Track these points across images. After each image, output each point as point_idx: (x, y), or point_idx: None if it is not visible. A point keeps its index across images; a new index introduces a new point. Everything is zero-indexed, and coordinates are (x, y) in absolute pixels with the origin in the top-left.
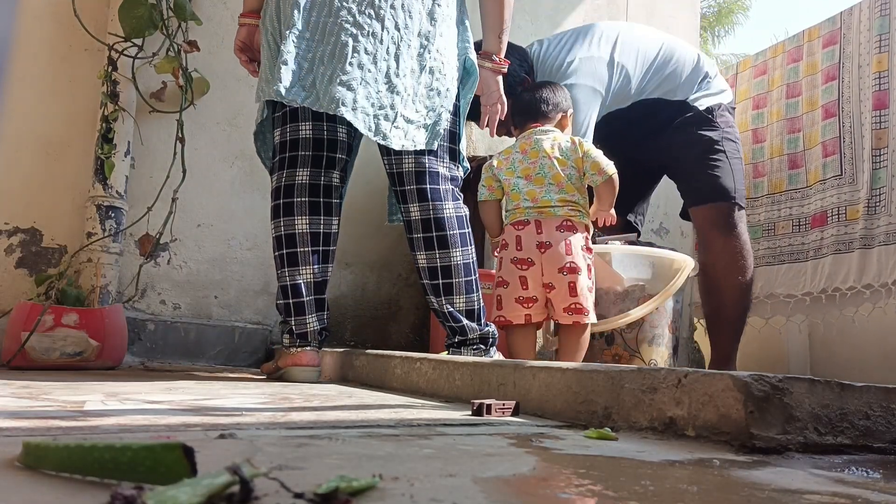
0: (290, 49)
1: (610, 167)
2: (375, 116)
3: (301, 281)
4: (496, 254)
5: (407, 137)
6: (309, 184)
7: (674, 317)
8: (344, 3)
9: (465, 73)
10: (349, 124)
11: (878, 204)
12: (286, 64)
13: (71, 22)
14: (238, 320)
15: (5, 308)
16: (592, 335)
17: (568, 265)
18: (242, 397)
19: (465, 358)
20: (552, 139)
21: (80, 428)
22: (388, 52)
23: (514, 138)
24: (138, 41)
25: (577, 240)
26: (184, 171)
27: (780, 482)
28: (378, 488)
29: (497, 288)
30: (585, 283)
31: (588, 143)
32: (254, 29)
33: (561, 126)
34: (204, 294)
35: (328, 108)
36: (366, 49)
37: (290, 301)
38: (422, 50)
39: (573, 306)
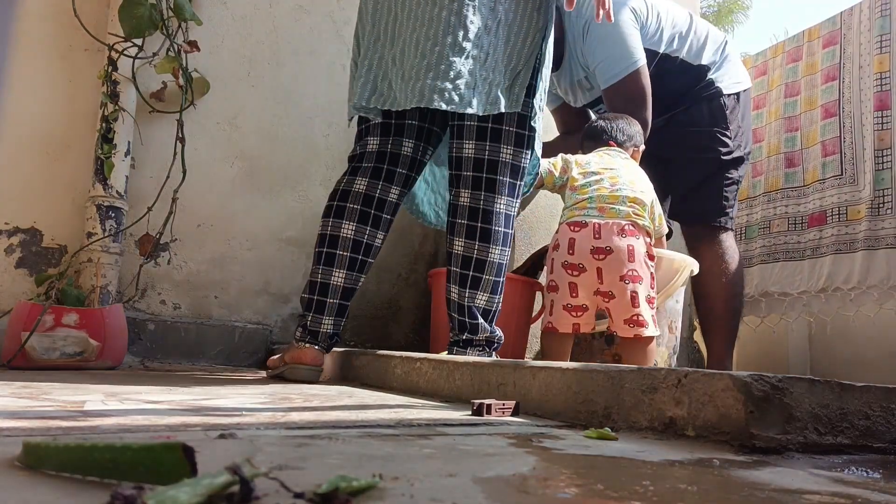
0: (366, 57)
1: (665, 228)
2: (452, 90)
3: (331, 282)
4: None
5: (490, 101)
6: (365, 193)
7: (674, 317)
8: (402, 2)
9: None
10: (416, 139)
11: (882, 205)
12: (361, 77)
13: (71, 22)
14: (238, 320)
15: (5, 308)
16: (592, 335)
17: (630, 273)
18: (242, 397)
19: (466, 358)
20: (630, 161)
21: (80, 428)
22: (449, 26)
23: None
24: (138, 41)
25: (640, 246)
26: (184, 171)
27: (780, 482)
28: (378, 488)
29: (549, 292)
30: (646, 294)
31: (655, 196)
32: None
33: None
34: (204, 294)
35: (405, 104)
36: (427, 36)
37: (315, 297)
38: (493, 3)
39: (634, 318)
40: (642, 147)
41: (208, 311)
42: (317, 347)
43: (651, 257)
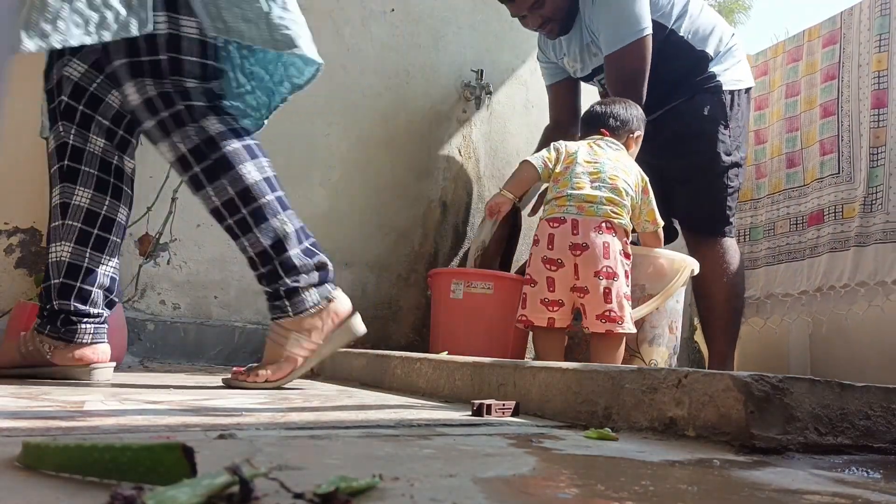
0: None
1: (660, 220)
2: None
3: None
4: (489, 217)
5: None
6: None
7: (674, 317)
8: None
9: None
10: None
11: (874, 202)
12: None
13: None
14: (238, 320)
15: (5, 308)
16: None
17: (604, 269)
18: (242, 397)
19: (465, 358)
20: (620, 152)
21: (79, 428)
22: None
23: (536, 32)
24: None
25: (616, 244)
26: None
27: (780, 482)
28: (378, 488)
29: (524, 286)
30: (622, 291)
31: (649, 185)
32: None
33: (626, 147)
34: (204, 294)
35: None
36: None
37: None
38: None
39: (607, 313)
40: (639, 133)
41: (208, 311)
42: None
43: (627, 256)
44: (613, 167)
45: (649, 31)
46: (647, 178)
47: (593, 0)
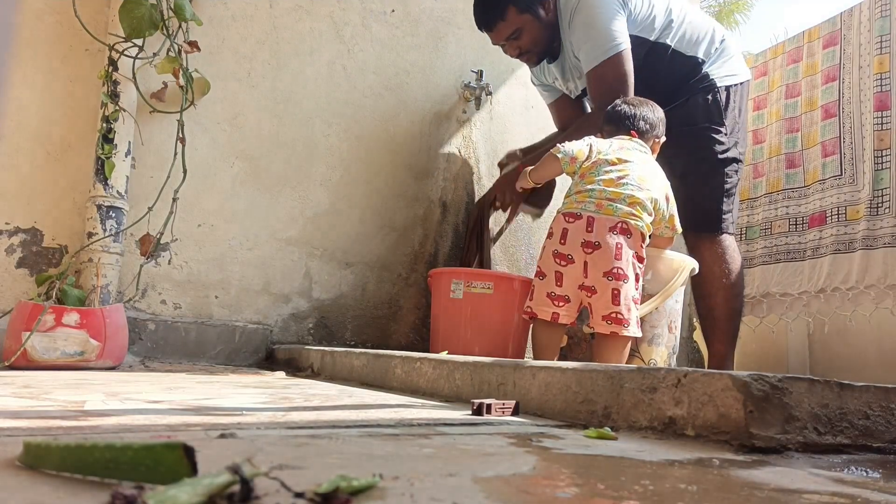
0: None
1: (679, 227)
2: None
3: None
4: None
5: None
6: None
7: (673, 316)
8: None
9: None
10: None
11: (880, 205)
12: None
13: (71, 22)
14: (238, 320)
15: (6, 308)
16: (591, 334)
17: (615, 270)
18: (243, 397)
19: (466, 358)
20: (648, 156)
21: (80, 428)
22: None
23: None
24: (139, 41)
25: (630, 246)
26: (184, 171)
27: (779, 482)
28: (378, 488)
29: (534, 277)
30: (630, 293)
31: (671, 192)
32: None
33: (651, 151)
34: (204, 294)
35: None
36: None
37: None
38: None
39: (613, 315)
40: (663, 138)
41: (209, 311)
42: None
43: (640, 259)
44: (642, 171)
45: (625, 46)
46: (669, 184)
47: (570, 24)
